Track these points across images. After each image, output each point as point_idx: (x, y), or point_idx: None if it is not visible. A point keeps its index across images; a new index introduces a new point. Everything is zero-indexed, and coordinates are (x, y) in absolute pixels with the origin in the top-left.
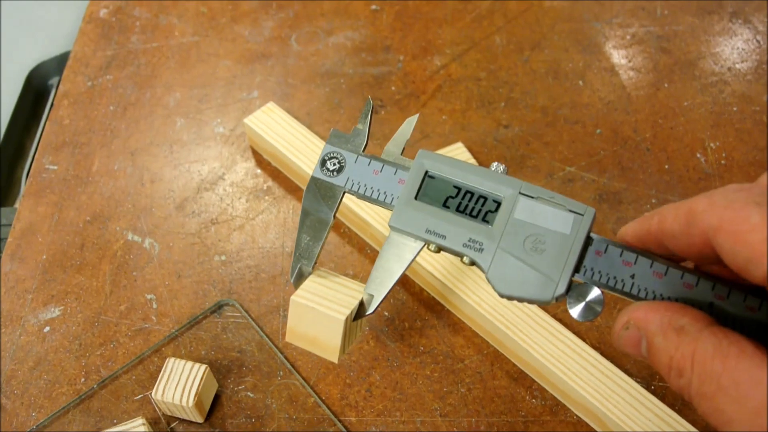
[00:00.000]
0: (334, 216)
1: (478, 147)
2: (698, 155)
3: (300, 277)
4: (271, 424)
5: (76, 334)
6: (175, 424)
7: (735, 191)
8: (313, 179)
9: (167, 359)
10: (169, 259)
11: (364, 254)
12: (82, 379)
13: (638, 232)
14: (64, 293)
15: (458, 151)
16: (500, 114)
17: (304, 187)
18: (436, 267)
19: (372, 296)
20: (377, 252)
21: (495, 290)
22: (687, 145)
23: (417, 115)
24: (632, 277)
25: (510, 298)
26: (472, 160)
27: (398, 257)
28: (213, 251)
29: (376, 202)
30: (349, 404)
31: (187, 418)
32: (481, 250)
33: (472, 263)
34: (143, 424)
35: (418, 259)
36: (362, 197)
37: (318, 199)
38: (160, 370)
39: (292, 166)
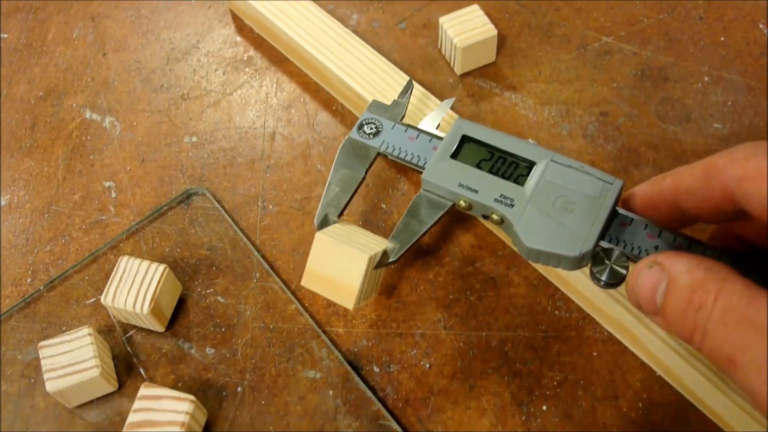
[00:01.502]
0: (366, 173)
1: (497, 12)
2: (760, 25)
3: (325, 223)
4: (244, 334)
5: (23, 227)
6: (132, 333)
7: (756, 146)
8: (349, 139)
9: (120, 258)
10: (132, 140)
11: None
12: (29, 280)
13: (649, 193)
14: (11, 180)
15: (474, 14)
16: None
17: (290, 57)
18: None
19: (396, 246)
20: None
21: (522, 243)
22: (747, 13)
23: (453, 99)
24: (656, 248)
25: (537, 252)
26: (489, 26)
27: (425, 214)
28: (183, 131)
29: (410, 163)
30: (336, 313)
31: (145, 327)
32: (511, 205)
33: (501, 221)
34: (89, 335)
35: None
36: (396, 158)
37: (352, 156)
38: None
39: (278, 32)
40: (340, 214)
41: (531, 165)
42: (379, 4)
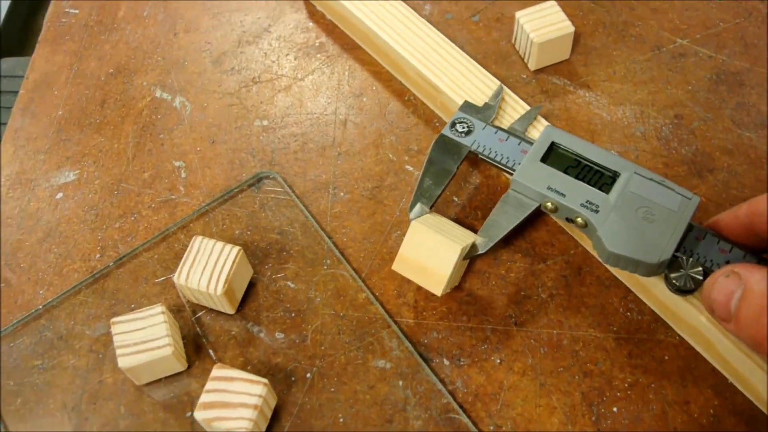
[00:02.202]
0: (457, 168)
1: (571, 9)
2: None
3: (418, 213)
4: (314, 320)
5: (93, 203)
6: (201, 313)
7: None
8: (442, 136)
9: (194, 237)
10: (203, 121)
11: (431, 127)
12: (97, 255)
13: (726, 219)
14: (81, 155)
15: (551, 10)
16: None
17: (363, 45)
18: None
19: (485, 240)
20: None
21: (605, 247)
22: None
23: (541, 106)
24: (726, 262)
25: (617, 257)
26: (567, 23)
27: (513, 212)
28: (253, 115)
29: (499, 163)
30: (406, 303)
31: (215, 308)
32: (596, 211)
33: (585, 225)
34: (162, 313)
35: None
36: (486, 158)
37: (445, 152)
38: (186, 249)
39: (351, 19)
40: (432, 206)
41: (615, 175)
42: None
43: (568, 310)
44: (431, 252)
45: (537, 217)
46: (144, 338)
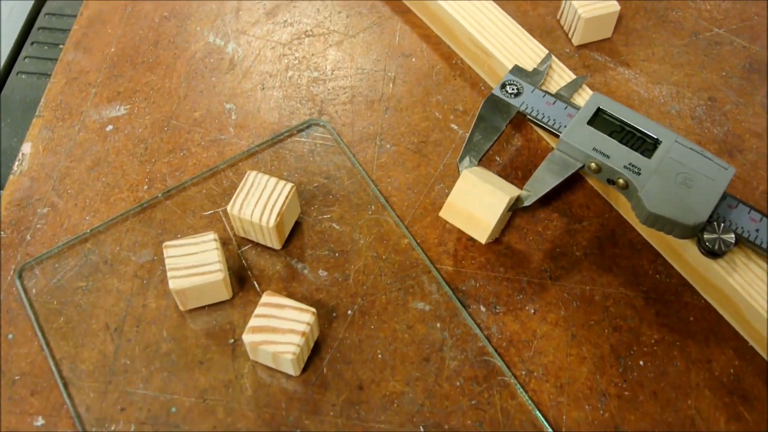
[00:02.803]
0: (506, 126)
1: None
2: None
3: (467, 165)
4: (357, 261)
5: (142, 137)
6: (247, 247)
7: None
8: (492, 95)
9: (248, 172)
10: (254, 68)
11: (477, 90)
12: (145, 187)
13: None
14: (132, 91)
15: None
16: None
17: (414, 9)
18: None
19: (530, 194)
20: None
21: (645, 207)
22: None
23: (587, 76)
24: (756, 231)
25: (656, 217)
26: (613, 1)
27: (557, 170)
28: (304, 65)
29: (546, 125)
30: (447, 251)
31: (262, 243)
32: (638, 173)
33: (626, 186)
34: (215, 240)
35: None
36: (533, 119)
37: (494, 110)
38: (234, 187)
39: None
40: (481, 159)
41: (656, 142)
42: None
43: (601, 269)
44: (479, 200)
45: (576, 181)
46: (196, 263)
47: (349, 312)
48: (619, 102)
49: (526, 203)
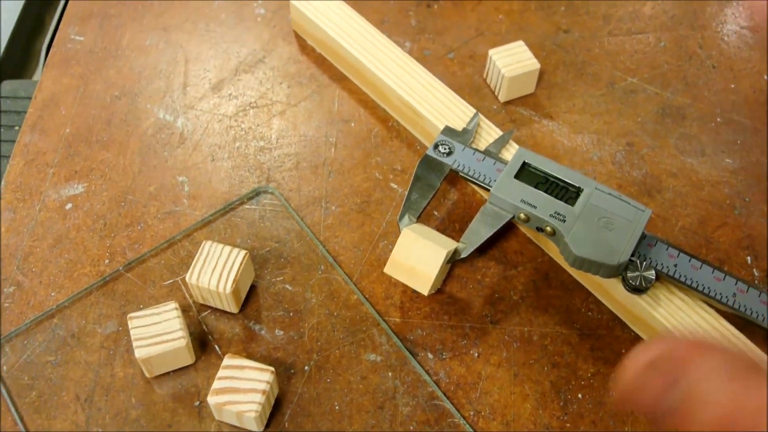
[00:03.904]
0: (440, 184)
1: (536, 50)
2: (765, 77)
3: (407, 223)
4: (311, 319)
5: (101, 213)
6: (206, 313)
7: None
8: (426, 156)
9: (204, 242)
10: (204, 141)
11: (413, 150)
12: (107, 261)
13: None
14: (89, 169)
15: (519, 49)
16: (560, 18)
17: (350, 76)
18: None
19: (466, 246)
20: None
21: (571, 251)
22: (754, 65)
23: (514, 131)
24: (675, 266)
25: (582, 260)
26: (533, 60)
27: (490, 222)
28: (251, 136)
29: (477, 181)
30: (393, 304)
31: (221, 308)
32: (564, 221)
33: (553, 233)
34: (176, 309)
35: None
36: (465, 176)
37: (429, 169)
38: (191, 256)
39: (339, 51)
40: (419, 216)
41: (579, 190)
42: (429, 36)
43: (537, 310)
44: (419, 255)
45: (508, 229)
46: (159, 331)
47: (306, 368)
48: (544, 152)
49: (463, 255)
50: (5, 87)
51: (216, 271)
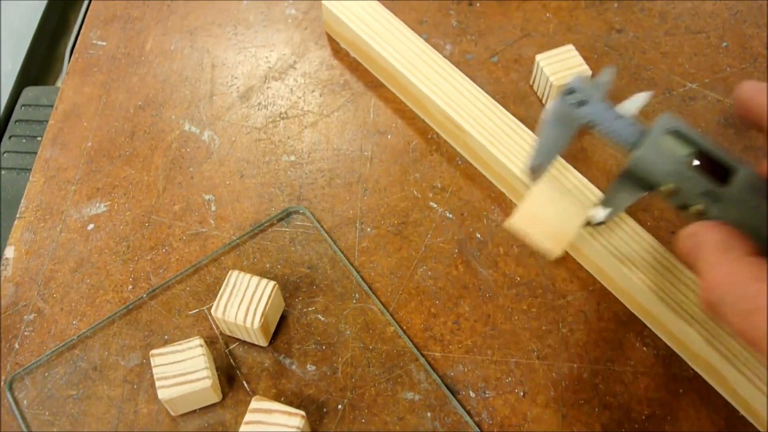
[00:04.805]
0: (574, 134)
1: (586, 52)
2: None
3: (537, 171)
4: (345, 352)
5: (124, 234)
6: (234, 346)
7: None
8: (557, 105)
9: (230, 272)
10: (231, 155)
11: (453, 165)
12: (130, 287)
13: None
14: (111, 187)
15: (569, 54)
16: (612, 16)
17: (386, 83)
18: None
19: (607, 211)
20: (468, 163)
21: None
22: None
23: (650, 92)
24: None
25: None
26: (584, 66)
27: (631, 190)
28: (281, 150)
29: (612, 140)
30: (433, 337)
31: (249, 341)
32: (714, 201)
33: (701, 213)
34: (200, 345)
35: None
36: (600, 133)
37: (559, 121)
38: (218, 283)
39: (375, 57)
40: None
41: (732, 169)
42: (472, 37)
43: (588, 345)
44: (558, 210)
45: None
46: (183, 370)
47: (339, 407)
48: (596, 167)
49: (604, 219)
50: (27, 94)
51: (243, 304)
